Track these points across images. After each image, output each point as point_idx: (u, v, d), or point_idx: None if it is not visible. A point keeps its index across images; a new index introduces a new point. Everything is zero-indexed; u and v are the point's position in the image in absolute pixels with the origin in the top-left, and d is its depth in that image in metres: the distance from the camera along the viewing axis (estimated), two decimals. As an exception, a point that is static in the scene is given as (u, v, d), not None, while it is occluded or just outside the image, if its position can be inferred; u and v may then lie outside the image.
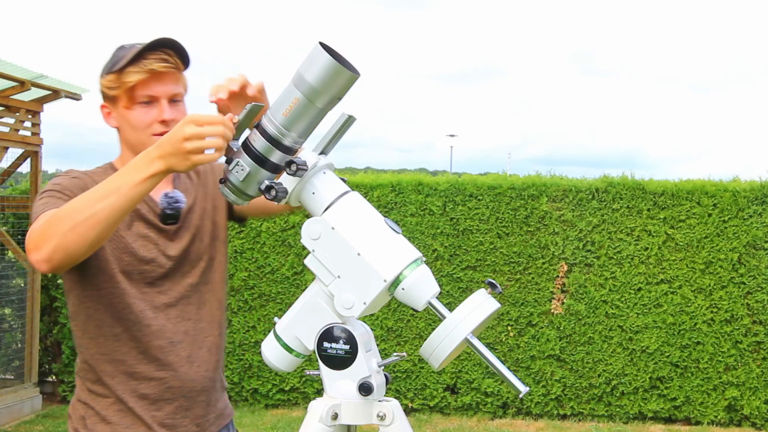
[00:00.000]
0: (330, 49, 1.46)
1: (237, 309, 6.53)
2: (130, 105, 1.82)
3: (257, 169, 1.51)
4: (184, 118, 1.50)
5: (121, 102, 1.83)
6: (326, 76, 1.44)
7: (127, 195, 1.54)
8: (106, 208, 1.54)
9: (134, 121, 1.83)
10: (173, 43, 1.82)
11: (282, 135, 1.49)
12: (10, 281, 6.55)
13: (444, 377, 6.33)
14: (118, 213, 1.55)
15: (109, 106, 1.88)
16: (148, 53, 1.79)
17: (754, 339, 6.08)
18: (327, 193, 1.53)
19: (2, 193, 6.77)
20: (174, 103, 1.85)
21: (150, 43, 1.81)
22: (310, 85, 1.45)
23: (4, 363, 6.51)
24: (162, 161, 1.51)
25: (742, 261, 6.10)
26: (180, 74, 1.87)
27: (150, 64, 1.79)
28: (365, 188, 6.39)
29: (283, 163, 1.50)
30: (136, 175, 1.53)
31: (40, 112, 6.48)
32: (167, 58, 1.81)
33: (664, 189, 6.22)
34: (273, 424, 6.03)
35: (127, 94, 1.81)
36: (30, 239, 1.61)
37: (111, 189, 1.55)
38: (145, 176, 1.52)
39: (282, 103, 1.49)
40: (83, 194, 1.60)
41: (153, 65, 1.79)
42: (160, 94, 1.82)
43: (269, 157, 1.50)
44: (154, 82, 1.81)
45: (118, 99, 1.84)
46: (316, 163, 1.53)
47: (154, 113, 1.82)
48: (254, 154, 1.50)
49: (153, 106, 1.82)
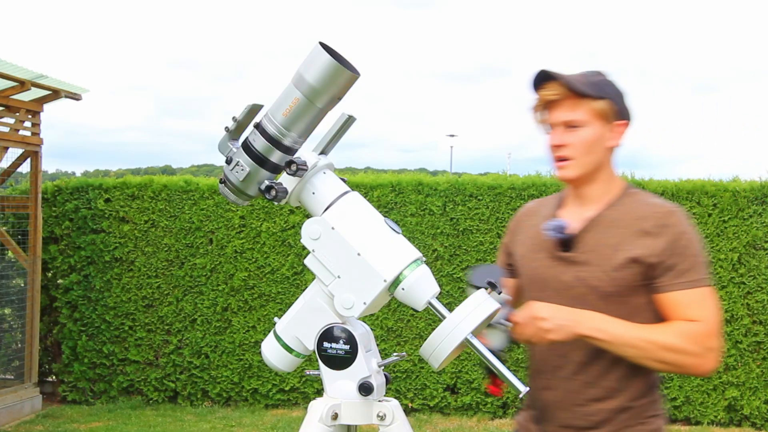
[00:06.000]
0: (330, 49, 1.46)
1: (237, 309, 6.53)
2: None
3: (257, 169, 1.50)
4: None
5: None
6: (326, 76, 1.44)
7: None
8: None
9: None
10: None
11: (282, 135, 1.49)
12: (10, 281, 6.55)
13: (444, 377, 6.33)
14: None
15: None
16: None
17: (754, 339, 6.07)
18: (327, 193, 1.53)
19: (2, 193, 6.77)
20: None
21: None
22: (310, 85, 1.45)
23: (4, 363, 6.51)
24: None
25: (742, 261, 6.10)
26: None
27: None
28: (365, 188, 6.39)
29: (283, 163, 1.50)
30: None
31: (40, 112, 6.48)
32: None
33: (664, 189, 6.21)
34: (273, 424, 6.03)
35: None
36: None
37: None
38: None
39: (282, 103, 1.49)
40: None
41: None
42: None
43: (269, 157, 1.50)
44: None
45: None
46: (316, 163, 1.53)
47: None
48: (254, 154, 1.50)
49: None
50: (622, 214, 1.87)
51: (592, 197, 1.92)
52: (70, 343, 6.64)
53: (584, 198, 1.93)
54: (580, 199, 1.94)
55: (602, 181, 1.91)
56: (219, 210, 6.56)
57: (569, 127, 1.87)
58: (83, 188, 6.70)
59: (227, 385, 6.56)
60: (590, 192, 1.92)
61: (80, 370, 6.64)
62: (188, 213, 6.59)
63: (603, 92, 1.87)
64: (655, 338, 1.75)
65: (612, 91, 1.89)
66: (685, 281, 1.80)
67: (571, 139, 1.86)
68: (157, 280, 6.61)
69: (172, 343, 6.59)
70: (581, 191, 1.93)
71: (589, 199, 1.92)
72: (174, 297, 6.59)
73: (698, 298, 1.80)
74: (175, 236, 6.59)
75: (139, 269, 6.61)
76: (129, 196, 6.67)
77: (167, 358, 6.61)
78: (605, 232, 1.86)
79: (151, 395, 6.62)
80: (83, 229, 6.64)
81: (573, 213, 1.93)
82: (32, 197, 6.41)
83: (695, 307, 1.79)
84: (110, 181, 6.80)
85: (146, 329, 6.62)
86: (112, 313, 6.62)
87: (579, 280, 1.82)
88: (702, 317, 1.79)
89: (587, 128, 1.86)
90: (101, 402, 6.63)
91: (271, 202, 1.51)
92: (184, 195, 6.62)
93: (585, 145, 1.86)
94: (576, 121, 1.86)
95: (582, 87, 1.85)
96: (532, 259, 1.95)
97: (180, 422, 6.10)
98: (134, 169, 35.28)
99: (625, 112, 1.91)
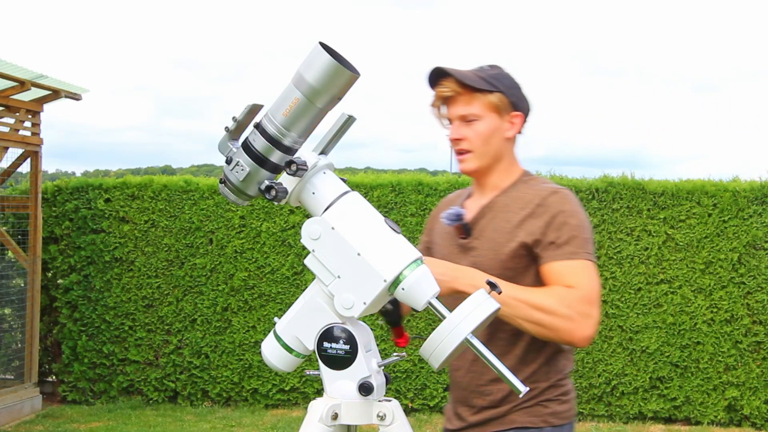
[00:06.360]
0: (330, 49, 1.46)
1: (237, 309, 6.53)
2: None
3: (257, 169, 1.50)
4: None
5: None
6: (326, 76, 1.44)
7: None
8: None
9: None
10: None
11: (282, 135, 1.49)
12: (10, 281, 6.55)
13: (444, 377, 6.33)
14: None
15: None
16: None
17: (754, 339, 6.07)
18: (327, 193, 1.53)
19: (2, 193, 6.77)
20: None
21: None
22: (310, 85, 1.45)
23: (4, 363, 6.51)
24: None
25: (742, 261, 6.10)
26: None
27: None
28: (365, 188, 6.39)
29: (283, 163, 1.50)
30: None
31: (40, 112, 6.48)
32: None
33: (664, 189, 6.21)
34: (273, 424, 6.03)
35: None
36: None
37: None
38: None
39: (282, 103, 1.49)
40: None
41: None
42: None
43: (269, 157, 1.50)
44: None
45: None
46: (316, 163, 1.53)
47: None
48: (254, 154, 1.50)
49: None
50: (512, 200, 1.95)
51: (491, 186, 2.01)
52: (70, 343, 6.64)
53: (485, 187, 2.02)
54: (482, 188, 2.04)
55: (502, 171, 2.00)
56: (219, 210, 6.56)
57: (466, 121, 1.95)
58: (83, 188, 6.70)
59: (227, 385, 6.56)
60: (489, 181, 2.01)
61: (80, 370, 6.64)
62: (188, 213, 6.59)
63: (496, 86, 1.94)
64: (527, 297, 1.78)
65: (505, 84, 1.96)
66: (562, 253, 1.84)
67: (468, 132, 1.95)
68: (157, 280, 6.61)
69: (172, 343, 6.59)
70: (482, 181, 2.03)
71: (489, 188, 2.01)
72: (174, 297, 6.59)
73: (575, 268, 1.83)
74: (175, 236, 6.60)
75: (139, 269, 6.61)
76: (129, 196, 6.67)
77: (167, 358, 6.61)
78: (495, 217, 1.95)
79: (151, 395, 6.62)
80: (83, 229, 6.64)
81: (475, 202, 2.03)
82: (32, 197, 6.41)
83: (571, 276, 1.82)
84: (110, 181, 6.80)
85: (146, 329, 6.62)
86: (112, 313, 6.62)
87: (474, 265, 1.87)
88: (577, 284, 1.81)
89: (483, 121, 1.94)
90: (101, 402, 6.63)
91: (271, 202, 1.51)
92: (184, 195, 6.62)
93: (482, 138, 1.94)
94: (471, 115, 1.94)
95: (474, 82, 1.93)
96: (442, 246, 2.04)
97: (180, 422, 6.10)
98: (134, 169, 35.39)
99: (519, 104, 1.98)
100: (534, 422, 1.89)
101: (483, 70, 1.97)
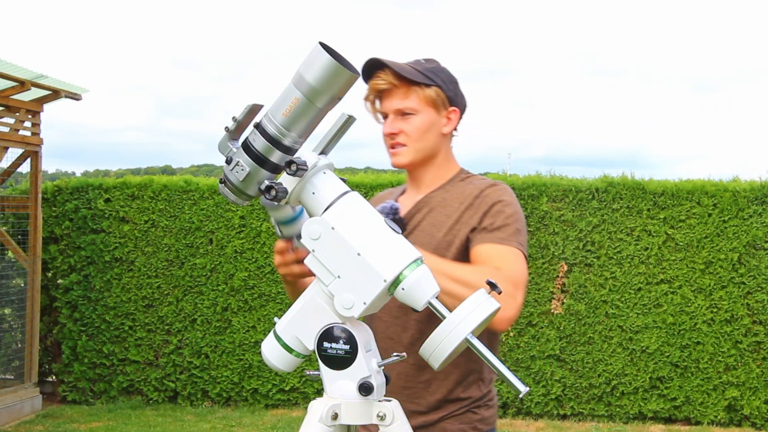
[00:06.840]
0: (330, 49, 1.46)
1: (237, 309, 6.53)
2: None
3: (257, 169, 1.50)
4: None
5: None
6: (326, 76, 1.44)
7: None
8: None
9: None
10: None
11: (282, 135, 1.49)
12: (10, 281, 6.55)
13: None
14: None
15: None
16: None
17: (754, 339, 6.08)
18: (327, 193, 1.52)
19: (2, 193, 6.77)
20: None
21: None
22: (310, 85, 1.45)
23: (4, 363, 6.51)
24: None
25: (742, 261, 6.10)
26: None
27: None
28: (365, 188, 6.39)
29: (283, 163, 1.50)
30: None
31: (40, 112, 6.49)
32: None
33: (664, 189, 6.21)
34: (273, 424, 6.03)
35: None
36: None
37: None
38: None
39: (282, 103, 1.49)
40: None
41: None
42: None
43: (269, 157, 1.50)
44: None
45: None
46: (316, 163, 1.53)
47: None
48: (254, 154, 1.50)
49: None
50: (451, 195, 1.93)
51: (426, 182, 1.98)
52: (70, 343, 6.64)
53: (419, 182, 1.99)
54: (416, 183, 2.00)
55: (437, 166, 1.97)
56: (219, 210, 6.56)
57: (402, 114, 1.91)
58: (83, 188, 6.70)
59: (227, 385, 6.56)
60: (425, 176, 1.98)
61: (80, 370, 6.64)
62: (188, 213, 6.59)
63: (433, 80, 1.90)
64: (447, 269, 1.69)
65: (443, 78, 1.93)
66: (492, 237, 1.82)
67: (404, 126, 1.91)
68: (157, 280, 6.61)
69: (172, 343, 6.59)
70: (416, 176, 2.00)
71: (424, 184, 1.98)
72: (174, 297, 6.59)
73: (504, 253, 1.80)
74: (175, 236, 6.60)
75: (139, 269, 6.61)
76: (129, 196, 6.68)
77: (167, 358, 6.61)
78: (432, 211, 1.92)
79: (151, 395, 6.62)
80: (83, 229, 6.65)
81: (409, 198, 1.99)
82: (32, 197, 6.41)
83: (499, 258, 1.79)
84: (110, 181, 6.80)
85: (146, 329, 6.62)
86: (112, 313, 6.62)
87: None
88: (503, 266, 1.76)
89: (419, 115, 1.90)
90: (101, 402, 6.63)
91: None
92: (184, 195, 6.63)
93: (418, 132, 1.91)
94: (408, 108, 1.90)
95: (412, 75, 1.89)
96: None
97: (180, 422, 6.10)
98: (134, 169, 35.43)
99: (456, 100, 1.95)
100: (464, 429, 1.87)
101: (420, 63, 1.93)
